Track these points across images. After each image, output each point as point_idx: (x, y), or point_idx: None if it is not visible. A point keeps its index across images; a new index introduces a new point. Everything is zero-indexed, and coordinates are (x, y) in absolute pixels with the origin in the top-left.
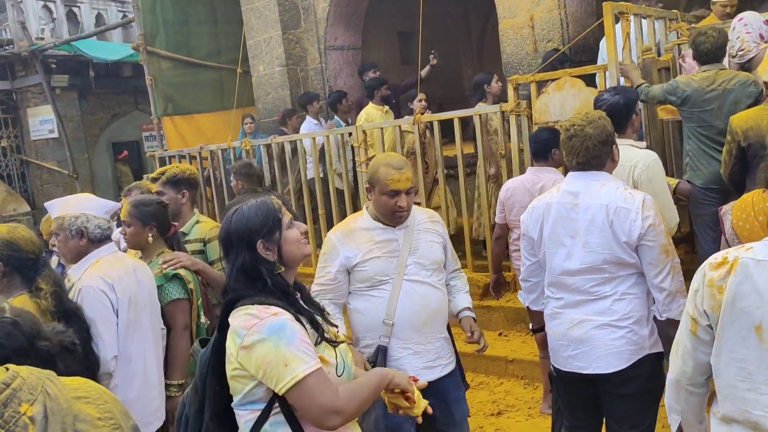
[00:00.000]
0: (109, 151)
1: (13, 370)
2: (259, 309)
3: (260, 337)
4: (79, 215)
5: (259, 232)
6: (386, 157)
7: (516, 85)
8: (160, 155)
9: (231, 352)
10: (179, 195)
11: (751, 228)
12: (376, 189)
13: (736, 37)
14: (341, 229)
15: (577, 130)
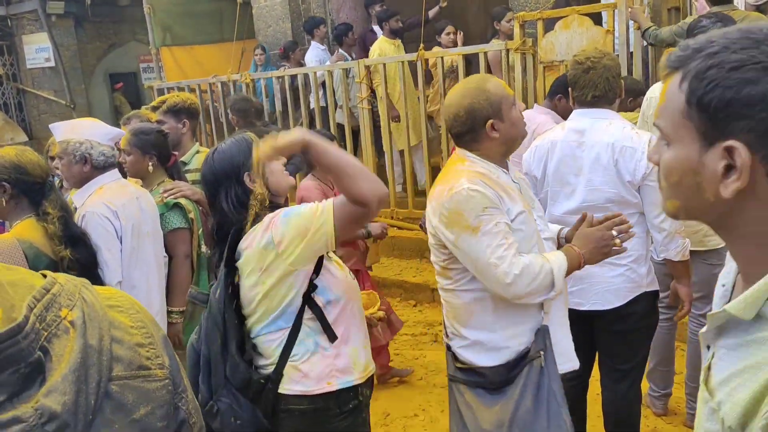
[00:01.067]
0: (107, 81)
1: (51, 276)
2: (267, 217)
3: (283, 222)
4: (83, 141)
5: (244, 164)
6: (474, 79)
7: (522, 22)
8: (159, 86)
9: (265, 263)
10: (180, 124)
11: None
12: (503, 110)
13: None
14: (473, 177)
15: (594, 62)
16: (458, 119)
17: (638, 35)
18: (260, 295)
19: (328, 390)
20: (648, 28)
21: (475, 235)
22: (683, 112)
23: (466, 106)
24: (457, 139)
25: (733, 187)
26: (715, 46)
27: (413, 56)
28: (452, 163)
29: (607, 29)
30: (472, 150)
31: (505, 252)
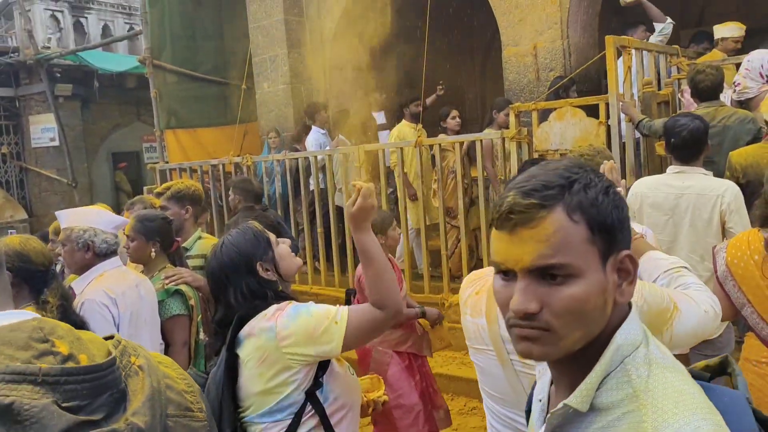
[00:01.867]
0: (109, 160)
1: (116, 336)
2: (273, 307)
3: (291, 317)
4: (87, 228)
5: (255, 255)
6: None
7: (518, 112)
8: (161, 168)
9: (265, 355)
10: (183, 210)
11: (746, 267)
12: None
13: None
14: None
15: (587, 160)
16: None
17: (630, 127)
18: (258, 387)
19: None
20: (642, 120)
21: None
22: (587, 240)
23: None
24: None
25: (630, 289)
26: (579, 178)
27: (412, 143)
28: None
29: (600, 121)
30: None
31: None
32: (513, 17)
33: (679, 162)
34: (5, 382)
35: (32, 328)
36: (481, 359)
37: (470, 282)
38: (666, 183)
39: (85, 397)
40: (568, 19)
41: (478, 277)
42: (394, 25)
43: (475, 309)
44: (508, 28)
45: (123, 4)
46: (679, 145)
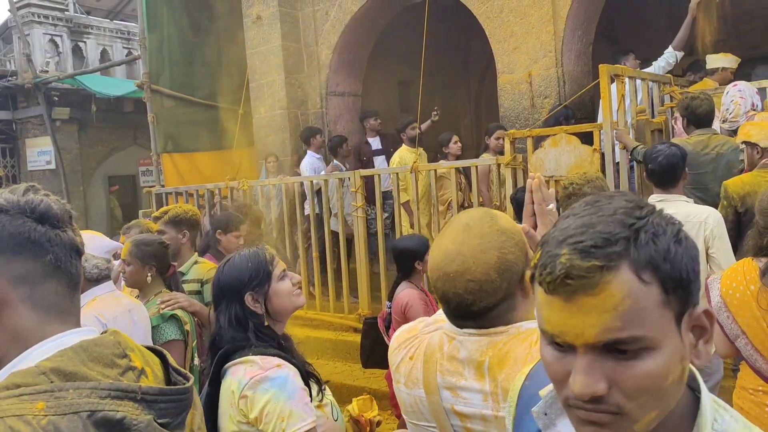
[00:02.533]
0: (105, 184)
1: (166, 353)
2: (262, 360)
3: (263, 387)
4: None
5: (248, 284)
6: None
7: (513, 139)
8: (157, 191)
9: (231, 402)
10: (180, 235)
11: (742, 297)
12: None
13: (730, 101)
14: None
15: (575, 189)
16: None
17: (624, 153)
18: (231, 427)
19: None
20: (636, 147)
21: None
22: (661, 303)
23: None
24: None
25: (707, 348)
26: (644, 224)
27: (407, 169)
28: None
29: (594, 148)
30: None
31: None
32: (508, 45)
33: (659, 189)
34: (111, 398)
35: (113, 344)
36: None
37: (402, 343)
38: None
39: (173, 415)
40: (563, 47)
41: (412, 336)
42: (390, 52)
43: (410, 378)
44: (503, 56)
45: (122, 29)
46: (656, 171)
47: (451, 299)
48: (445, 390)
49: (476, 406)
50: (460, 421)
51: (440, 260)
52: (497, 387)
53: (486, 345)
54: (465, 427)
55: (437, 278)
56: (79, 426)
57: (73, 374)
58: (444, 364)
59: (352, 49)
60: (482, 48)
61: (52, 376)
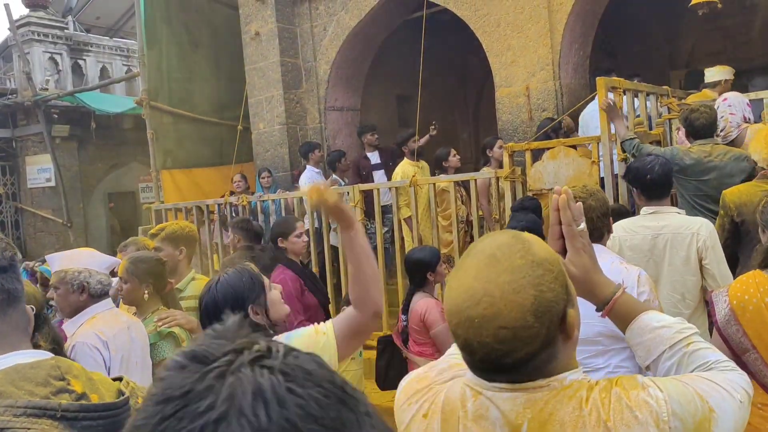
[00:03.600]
0: (105, 201)
1: (125, 378)
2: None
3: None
4: (81, 270)
5: (248, 297)
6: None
7: (511, 152)
8: (156, 207)
9: None
10: (177, 252)
11: (756, 310)
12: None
13: (720, 116)
14: None
15: (584, 199)
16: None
17: (622, 166)
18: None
19: None
20: (630, 139)
21: None
22: None
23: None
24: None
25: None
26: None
27: (406, 183)
28: None
29: (593, 160)
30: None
31: None
32: (506, 59)
33: (653, 201)
34: (26, 416)
35: (50, 366)
36: None
37: (411, 396)
38: (641, 224)
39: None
40: (560, 60)
41: (423, 387)
42: (388, 66)
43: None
44: (501, 70)
45: (121, 46)
46: (655, 182)
47: (476, 350)
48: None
49: None
50: None
51: (461, 302)
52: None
53: (523, 404)
54: None
55: (458, 324)
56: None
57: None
58: (469, 425)
59: (350, 64)
60: (480, 62)
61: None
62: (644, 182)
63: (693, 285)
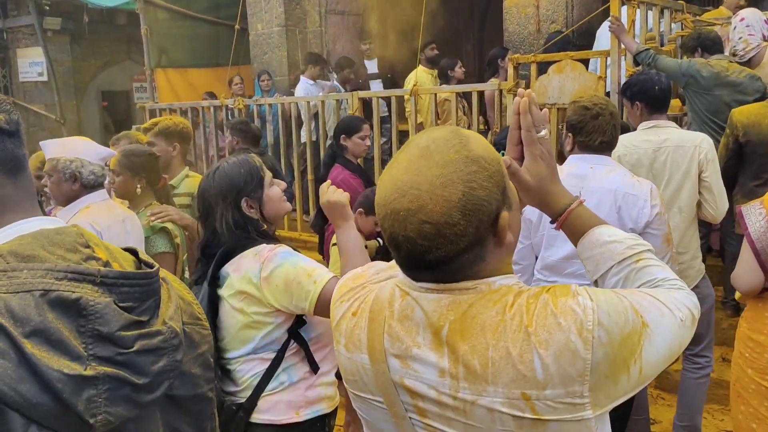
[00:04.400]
0: (98, 99)
1: (138, 249)
2: (264, 247)
3: (277, 262)
4: (74, 159)
5: (243, 190)
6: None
7: (517, 64)
8: (151, 107)
9: (246, 292)
10: (170, 147)
11: None
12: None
13: (738, 37)
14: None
15: (602, 109)
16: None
17: None
18: (241, 323)
19: (296, 420)
20: (643, 50)
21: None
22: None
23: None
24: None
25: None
26: None
27: (407, 92)
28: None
29: (599, 75)
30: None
31: None
32: None
33: (655, 115)
34: (68, 280)
35: (75, 233)
36: (366, 411)
37: (345, 293)
38: (642, 139)
39: (136, 300)
40: None
41: (358, 285)
42: None
43: (351, 339)
44: None
45: None
46: (660, 96)
47: (401, 244)
48: (393, 358)
49: (431, 382)
50: (412, 399)
51: (388, 193)
52: (458, 363)
53: (447, 305)
54: (417, 406)
55: (384, 216)
56: (31, 304)
57: (31, 257)
58: (394, 324)
59: None
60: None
61: (8, 257)
62: (653, 94)
63: (691, 199)
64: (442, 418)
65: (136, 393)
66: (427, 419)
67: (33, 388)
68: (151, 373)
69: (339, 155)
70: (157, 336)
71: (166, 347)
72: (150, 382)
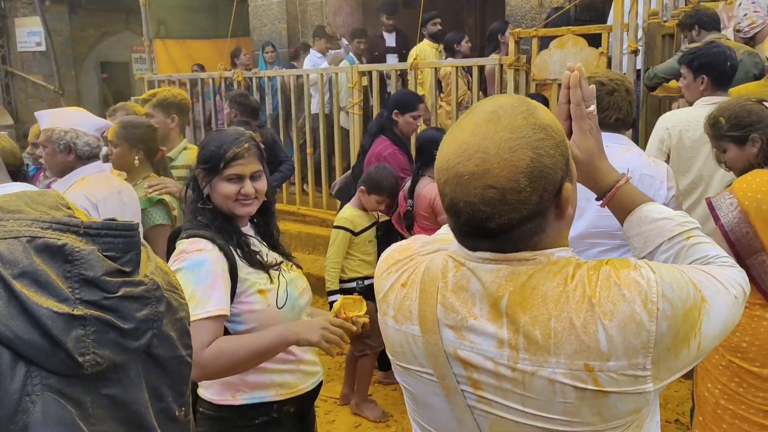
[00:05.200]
0: (97, 70)
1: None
2: (188, 243)
3: (181, 265)
4: (68, 130)
5: (201, 162)
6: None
7: (518, 38)
8: (150, 78)
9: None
10: (168, 119)
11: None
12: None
13: (743, 14)
14: None
15: (618, 84)
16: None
17: (631, 59)
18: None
19: (231, 403)
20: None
21: None
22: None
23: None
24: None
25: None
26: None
27: (407, 65)
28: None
29: (601, 51)
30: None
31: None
32: None
33: (720, 91)
34: (53, 229)
35: (57, 195)
36: (412, 384)
37: (392, 265)
38: (703, 115)
39: (119, 251)
40: None
41: (405, 257)
42: None
43: (401, 310)
44: None
45: None
46: (730, 72)
47: (461, 210)
48: (447, 329)
49: (488, 353)
50: (465, 371)
51: (453, 156)
52: (518, 333)
53: (506, 276)
54: (471, 378)
55: (446, 180)
56: (18, 249)
57: (16, 211)
58: (448, 295)
59: None
60: None
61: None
62: (722, 69)
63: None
64: (498, 390)
65: (123, 338)
66: (481, 391)
67: (23, 325)
68: (136, 319)
69: (387, 128)
70: (140, 285)
71: (149, 297)
72: (135, 328)
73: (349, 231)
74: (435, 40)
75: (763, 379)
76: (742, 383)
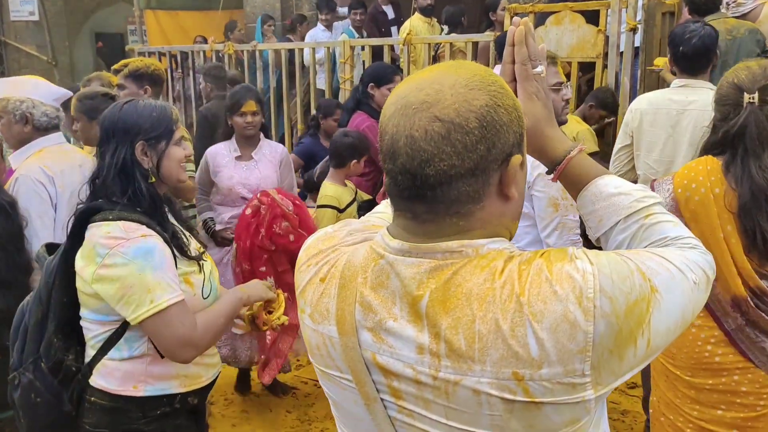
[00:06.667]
0: (92, 41)
1: None
2: (125, 226)
3: (124, 259)
4: (24, 99)
5: (145, 132)
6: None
7: (514, 14)
8: (140, 50)
9: (85, 268)
10: (141, 91)
11: (702, 201)
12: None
13: None
14: None
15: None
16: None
17: (629, 36)
18: (82, 285)
19: (134, 394)
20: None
21: None
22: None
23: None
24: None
25: None
26: None
27: (400, 40)
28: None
29: (599, 28)
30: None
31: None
32: None
33: (686, 74)
34: None
35: None
36: (332, 389)
37: (313, 256)
38: (668, 98)
39: None
40: None
41: (328, 248)
42: None
43: (318, 308)
44: None
45: None
46: (689, 54)
47: (400, 150)
48: (365, 331)
49: (408, 360)
50: (385, 378)
51: (405, 89)
52: (439, 338)
53: (427, 272)
54: (391, 386)
55: (391, 114)
56: None
57: None
58: (366, 293)
59: None
60: None
61: None
62: (676, 52)
63: None
64: (419, 401)
65: None
66: (403, 401)
67: None
68: None
69: (364, 103)
70: None
71: None
72: None
73: (335, 208)
74: (425, 14)
75: (697, 390)
76: (677, 393)
